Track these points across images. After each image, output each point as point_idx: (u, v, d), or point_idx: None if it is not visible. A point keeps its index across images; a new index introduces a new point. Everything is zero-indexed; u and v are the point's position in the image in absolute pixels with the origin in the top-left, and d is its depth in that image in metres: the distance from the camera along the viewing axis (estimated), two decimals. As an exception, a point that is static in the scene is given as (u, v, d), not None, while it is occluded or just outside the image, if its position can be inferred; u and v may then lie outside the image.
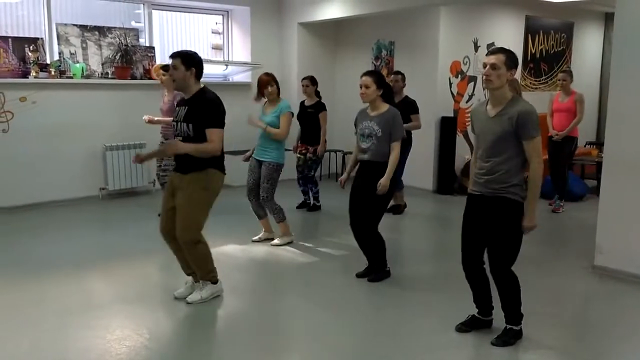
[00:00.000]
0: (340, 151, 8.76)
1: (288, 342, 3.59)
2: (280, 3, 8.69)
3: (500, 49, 3.26)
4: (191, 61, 3.78)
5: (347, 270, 4.68)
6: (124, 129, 7.27)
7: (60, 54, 6.99)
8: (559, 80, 6.92)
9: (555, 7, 8.86)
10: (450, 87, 8.00)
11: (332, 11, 7.88)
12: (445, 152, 7.85)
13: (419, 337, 3.55)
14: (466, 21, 8.02)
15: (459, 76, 8.08)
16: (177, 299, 4.05)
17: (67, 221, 6.27)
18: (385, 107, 4.29)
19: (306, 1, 8.24)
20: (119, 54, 7.25)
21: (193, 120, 3.75)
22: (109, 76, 7.29)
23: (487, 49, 7.90)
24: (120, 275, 4.60)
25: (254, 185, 5.30)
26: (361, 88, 4.25)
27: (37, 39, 6.80)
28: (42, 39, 6.86)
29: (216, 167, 3.87)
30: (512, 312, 3.40)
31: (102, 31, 7.31)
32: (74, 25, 7.13)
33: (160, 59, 7.62)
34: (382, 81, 4.29)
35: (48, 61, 6.87)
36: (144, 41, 7.75)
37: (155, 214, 6.43)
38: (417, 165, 7.18)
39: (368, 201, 4.29)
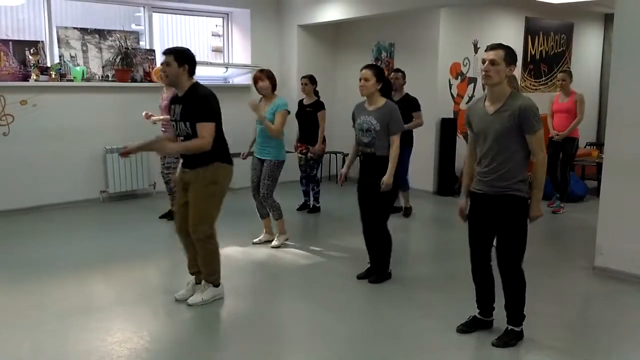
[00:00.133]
0: (340, 153, 8.76)
1: (289, 343, 3.60)
2: (280, 5, 8.70)
3: (499, 45, 3.23)
4: (184, 57, 3.80)
5: (348, 271, 4.68)
6: (124, 131, 7.27)
7: (60, 57, 7.00)
8: (558, 81, 6.91)
9: (555, 9, 8.87)
10: (450, 88, 8.01)
11: (332, 13, 7.90)
12: (446, 154, 7.86)
13: (420, 338, 3.55)
14: (466, 23, 8.04)
15: (459, 78, 8.08)
16: (178, 301, 4.05)
17: (68, 224, 6.28)
18: (382, 101, 4.29)
19: (306, 3, 8.26)
20: (119, 57, 7.26)
21: (189, 118, 3.76)
22: (110, 79, 7.30)
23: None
24: (121, 278, 4.61)
25: (258, 184, 5.36)
26: (360, 81, 4.26)
27: (38, 42, 6.81)
28: (42, 42, 6.87)
29: (223, 160, 3.89)
30: (515, 312, 3.40)
31: (102, 34, 7.33)
32: (74, 28, 7.15)
33: (161, 61, 7.62)
34: (381, 75, 4.30)
35: (49, 64, 6.88)
36: (144, 44, 7.76)
37: (155, 216, 6.46)
38: (418, 167, 7.18)
39: (375, 196, 4.29)
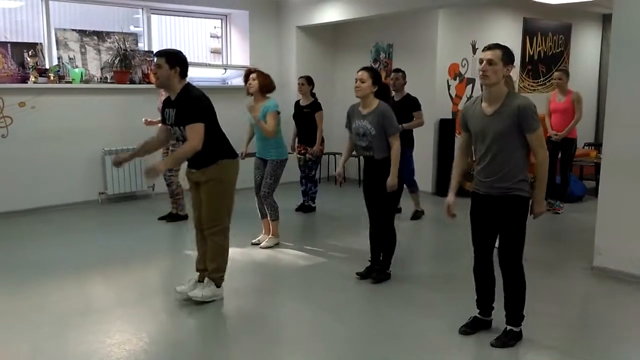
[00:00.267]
0: (339, 154, 8.76)
1: (289, 344, 3.59)
2: (278, 7, 8.71)
3: (497, 45, 3.23)
4: (175, 60, 3.80)
5: (347, 271, 4.68)
6: (123, 133, 7.28)
7: (59, 59, 7.00)
8: (555, 80, 6.87)
9: (553, 9, 8.88)
10: (449, 89, 8.01)
11: (330, 14, 7.90)
12: (444, 154, 7.86)
13: (420, 338, 3.55)
14: (464, 24, 8.04)
15: (457, 78, 8.09)
16: (178, 292, 4.09)
17: (67, 225, 6.27)
18: (375, 103, 4.29)
19: (304, 5, 8.26)
20: (117, 59, 7.26)
21: (184, 122, 3.76)
22: (108, 81, 7.30)
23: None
24: (119, 280, 4.61)
25: (261, 183, 5.40)
26: (356, 82, 4.27)
27: (36, 44, 6.81)
28: (41, 44, 6.88)
29: (226, 157, 3.92)
30: (515, 311, 3.40)
31: (100, 36, 7.33)
32: (72, 30, 7.15)
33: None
34: (377, 78, 4.31)
35: (47, 66, 6.88)
36: (142, 46, 7.76)
37: (154, 217, 6.46)
38: (417, 167, 7.15)
39: (379, 197, 4.37)
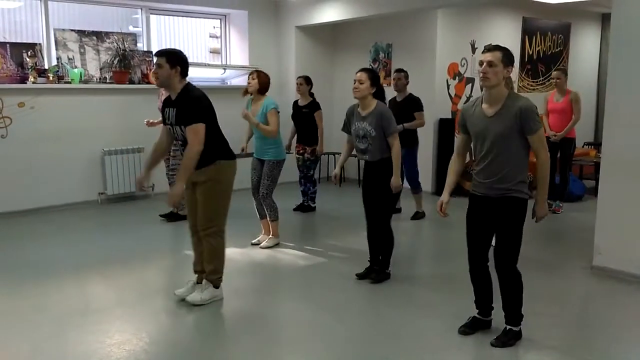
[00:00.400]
0: (338, 154, 8.76)
1: (289, 344, 3.59)
2: (277, 7, 8.71)
3: (497, 47, 3.23)
4: (176, 60, 3.80)
5: (347, 271, 4.68)
6: (122, 133, 7.28)
7: (58, 59, 7.00)
8: (553, 79, 6.86)
9: (552, 9, 8.88)
10: (448, 88, 8.02)
11: (329, 14, 7.90)
12: (444, 154, 7.85)
13: (420, 338, 3.55)
14: (463, 23, 8.05)
15: (457, 78, 8.09)
16: (177, 296, 4.07)
17: (67, 226, 6.27)
18: (373, 104, 4.30)
19: (303, 5, 8.26)
20: (117, 59, 7.26)
21: (184, 122, 3.76)
22: (107, 81, 7.29)
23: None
24: (119, 280, 4.61)
25: (258, 184, 5.37)
26: (355, 83, 4.28)
27: (35, 44, 6.81)
28: (40, 44, 6.87)
29: (224, 157, 3.91)
30: (513, 312, 3.40)
31: (100, 36, 7.32)
32: (71, 30, 7.14)
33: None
34: (376, 80, 4.32)
35: (46, 66, 6.88)
36: (141, 46, 7.76)
37: (154, 218, 6.46)
38: (416, 167, 7.18)
39: (376, 197, 4.39)
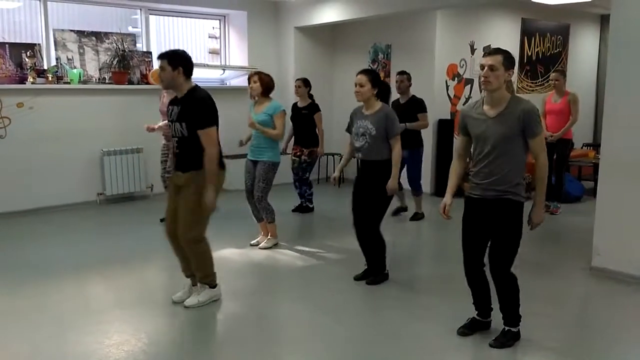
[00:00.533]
0: (338, 154, 8.76)
1: (287, 345, 3.59)
2: (276, 7, 8.71)
3: (497, 50, 3.23)
4: (177, 60, 3.79)
5: (345, 273, 4.68)
6: (121, 134, 7.28)
7: (57, 59, 6.99)
8: (552, 81, 6.87)
9: (551, 10, 8.88)
10: (447, 89, 8.02)
11: (328, 15, 7.90)
12: (443, 155, 7.87)
13: (418, 340, 3.55)
14: (462, 24, 8.05)
15: (456, 79, 8.10)
16: (175, 303, 4.04)
17: (66, 226, 6.27)
18: (378, 105, 4.30)
19: (303, 5, 8.26)
20: (116, 59, 7.26)
21: (186, 120, 3.75)
22: (106, 81, 7.29)
23: (484, 51, 7.91)
24: (118, 280, 4.61)
25: (252, 187, 5.32)
26: (356, 86, 4.27)
27: (34, 44, 6.81)
28: (39, 44, 6.87)
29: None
30: (511, 313, 3.40)
31: (99, 36, 7.32)
32: (71, 30, 7.14)
33: (158, 64, 7.62)
34: (376, 80, 4.31)
35: (45, 67, 6.87)
36: (141, 46, 7.76)
37: (153, 218, 6.45)
38: (415, 168, 7.19)
39: (368, 200, 4.31)
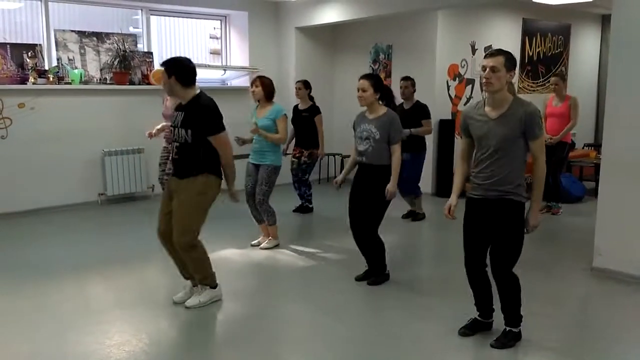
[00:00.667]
0: (338, 155, 8.77)
1: (288, 346, 3.59)
2: (277, 8, 8.71)
3: (499, 51, 3.22)
4: (172, 68, 3.80)
5: (346, 273, 4.68)
6: (122, 134, 7.28)
7: (58, 60, 7.00)
8: (552, 85, 6.83)
9: (552, 10, 8.88)
10: (448, 90, 8.02)
11: (329, 15, 7.90)
12: (444, 155, 7.87)
13: (419, 340, 3.55)
14: (463, 24, 8.05)
15: (457, 79, 8.10)
16: (176, 303, 4.04)
17: (67, 226, 6.27)
18: (383, 110, 4.31)
19: (303, 6, 8.26)
20: (117, 60, 7.26)
21: (191, 126, 3.76)
22: (108, 82, 7.29)
23: (485, 51, 7.91)
24: (119, 280, 4.61)
25: (253, 190, 5.31)
26: (358, 91, 4.27)
27: (36, 45, 6.81)
28: (40, 45, 6.87)
29: (212, 172, 3.88)
30: (512, 314, 3.40)
31: (100, 37, 7.33)
32: (72, 31, 7.15)
33: (159, 64, 7.63)
34: (379, 84, 4.31)
35: (46, 67, 6.88)
36: (142, 47, 7.76)
37: (154, 218, 6.43)
38: (416, 168, 7.18)
39: (367, 204, 4.31)
